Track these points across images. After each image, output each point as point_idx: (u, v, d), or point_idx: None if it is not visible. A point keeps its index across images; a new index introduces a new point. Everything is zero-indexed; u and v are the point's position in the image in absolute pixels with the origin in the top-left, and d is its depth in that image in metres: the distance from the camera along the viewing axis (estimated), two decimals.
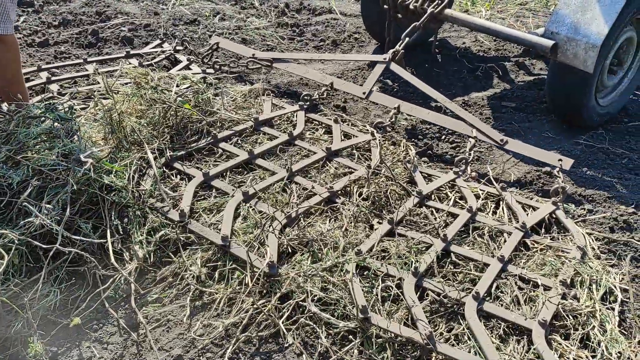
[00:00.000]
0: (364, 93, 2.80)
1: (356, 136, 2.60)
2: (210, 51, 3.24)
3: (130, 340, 1.66)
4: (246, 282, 1.77)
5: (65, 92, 2.74)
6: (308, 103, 2.83)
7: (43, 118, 2.16)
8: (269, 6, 4.47)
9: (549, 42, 2.48)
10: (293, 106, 2.80)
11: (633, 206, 2.35)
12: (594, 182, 2.51)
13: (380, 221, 2.07)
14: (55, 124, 2.11)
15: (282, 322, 1.68)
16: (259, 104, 2.81)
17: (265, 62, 3.13)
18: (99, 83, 2.84)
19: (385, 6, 3.18)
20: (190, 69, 3.10)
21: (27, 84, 2.77)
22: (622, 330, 1.76)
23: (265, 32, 3.96)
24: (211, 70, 3.15)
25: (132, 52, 3.24)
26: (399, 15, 3.21)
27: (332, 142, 2.54)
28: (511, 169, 2.57)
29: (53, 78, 2.85)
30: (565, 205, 2.31)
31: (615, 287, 1.88)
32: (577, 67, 2.48)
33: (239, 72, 3.23)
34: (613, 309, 1.81)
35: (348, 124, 2.76)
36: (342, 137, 2.59)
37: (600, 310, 1.77)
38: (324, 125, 2.72)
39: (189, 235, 1.95)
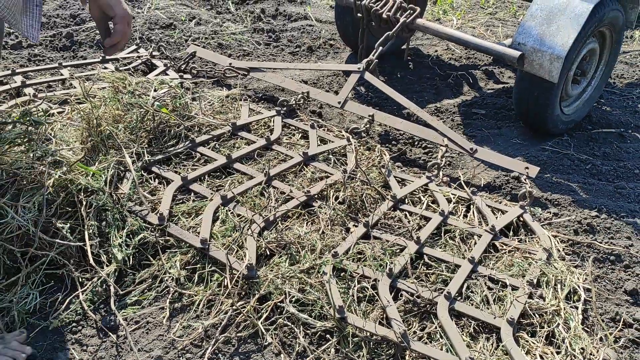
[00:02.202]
0: (339, 102, 2.86)
1: (332, 141, 2.65)
2: (187, 60, 3.26)
3: (109, 342, 1.68)
4: (225, 284, 1.80)
5: (41, 96, 2.72)
6: (285, 108, 2.88)
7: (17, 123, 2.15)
8: (244, 11, 4.50)
9: (516, 53, 2.58)
10: (270, 111, 2.84)
11: (596, 210, 2.46)
12: (560, 186, 2.62)
13: (356, 224, 2.13)
14: (30, 128, 2.11)
15: (261, 323, 1.72)
16: (237, 109, 2.85)
17: (242, 71, 3.17)
18: (75, 87, 2.84)
19: (359, 15, 3.25)
20: (167, 74, 3.11)
21: (1, 88, 2.75)
22: (585, 328, 1.85)
23: (241, 38, 4.00)
24: (188, 76, 3.17)
25: (108, 56, 3.23)
26: (373, 24, 3.28)
27: (308, 147, 2.59)
28: (481, 174, 2.66)
29: (28, 82, 2.83)
30: (532, 208, 2.41)
31: (578, 286, 1.98)
32: (543, 77, 2.59)
33: (217, 78, 3.25)
34: (577, 308, 1.90)
35: (324, 130, 2.81)
36: (319, 142, 2.64)
37: (564, 308, 1.85)
38: (300, 130, 2.77)
39: (167, 238, 1.97)
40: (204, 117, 2.64)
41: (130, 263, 1.89)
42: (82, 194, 1.98)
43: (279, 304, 1.78)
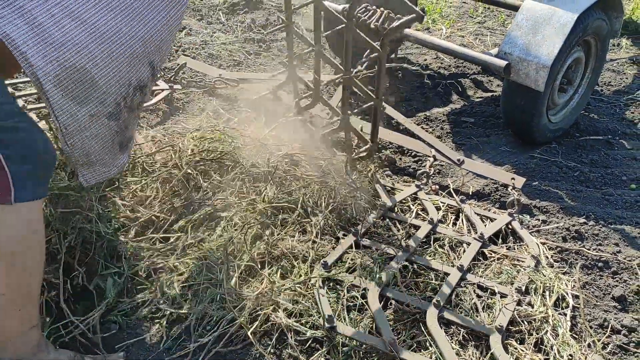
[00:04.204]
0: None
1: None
2: (178, 71, 3.28)
3: None
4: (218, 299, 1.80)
5: (31, 107, 2.73)
6: None
7: None
8: (235, 22, 4.52)
9: (503, 63, 2.60)
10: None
11: (584, 217, 2.48)
12: (548, 194, 2.64)
13: (346, 233, 2.14)
14: None
15: (251, 332, 1.72)
16: None
17: (232, 82, 3.20)
18: None
19: None
20: (157, 84, 3.12)
21: None
22: (574, 335, 1.86)
23: (231, 47, 4.01)
24: (179, 86, 3.18)
25: None
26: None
27: None
28: (470, 182, 2.68)
29: (17, 93, 2.83)
30: (521, 216, 2.43)
31: (567, 293, 1.99)
32: (529, 86, 2.62)
33: (207, 88, 3.27)
34: (565, 315, 1.91)
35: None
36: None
37: (553, 315, 1.87)
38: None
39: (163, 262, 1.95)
40: None
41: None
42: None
43: (270, 313, 1.78)
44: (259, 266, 1.94)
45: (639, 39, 4.53)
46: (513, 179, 2.55)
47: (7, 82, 2.92)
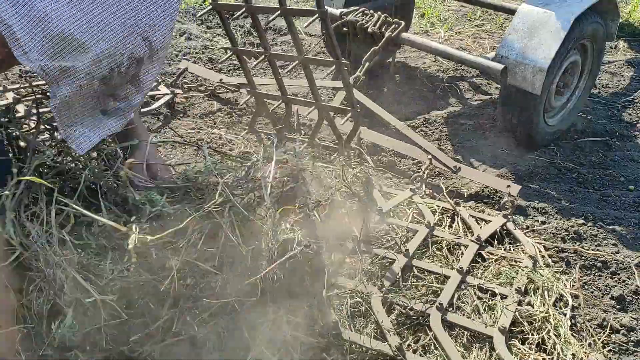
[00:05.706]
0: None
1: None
2: (179, 75, 3.31)
3: None
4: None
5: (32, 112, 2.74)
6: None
7: None
8: (234, 26, 4.54)
9: (499, 66, 2.62)
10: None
11: (582, 217, 2.51)
12: (547, 195, 2.67)
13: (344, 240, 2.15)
14: None
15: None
16: None
17: (232, 87, 3.23)
18: None
19: (344, 29, 3.28)
20: (158, 89, 3.15)
21: None
22: (573, 334, 1.89)
23: None
24: (180, 90, 3.21)
25: None
26: (359, 37, 3.32)
27: None
28: (469, 184, 2.70)
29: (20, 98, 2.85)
30: (519, 217, 2.45)
31: (565, 293, 2.02)
32: (526, 89, 2.64)
33: (208, 92, 3.30)
34: (565, 314, 1.94)
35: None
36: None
37: (553, 315, 1.89)
38: None
39: None
40: None
41: None
42: None
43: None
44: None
45: (636, 41, 4.56)
46: (509, 186, 2.56)
47: (10, 87, 2.94)
